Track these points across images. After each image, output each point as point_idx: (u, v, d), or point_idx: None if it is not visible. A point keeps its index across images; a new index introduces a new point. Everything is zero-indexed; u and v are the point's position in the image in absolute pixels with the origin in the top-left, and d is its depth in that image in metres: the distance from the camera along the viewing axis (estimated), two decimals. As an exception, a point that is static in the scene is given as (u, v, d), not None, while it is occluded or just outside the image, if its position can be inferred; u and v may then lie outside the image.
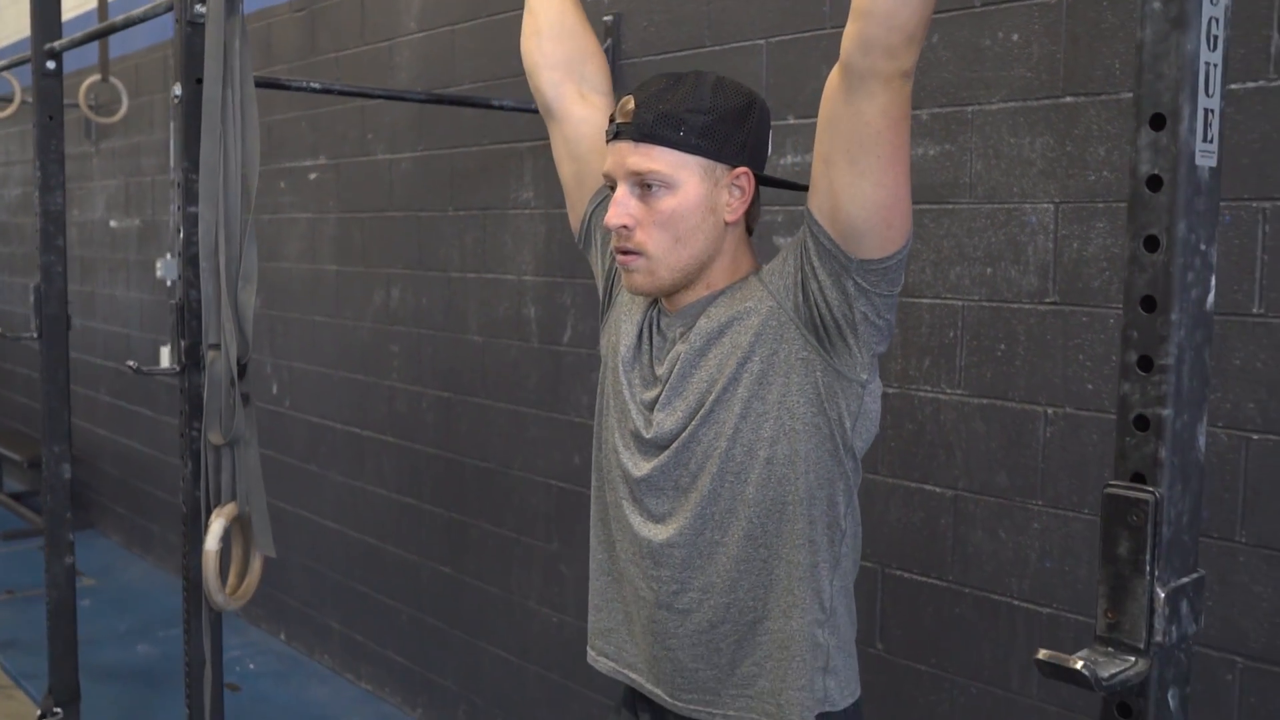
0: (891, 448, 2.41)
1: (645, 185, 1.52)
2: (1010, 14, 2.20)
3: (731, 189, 1.54)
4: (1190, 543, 0.96)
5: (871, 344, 1.50)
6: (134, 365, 2.32)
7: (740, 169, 1.54)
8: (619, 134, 1.54)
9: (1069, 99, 2.12)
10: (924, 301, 2.35)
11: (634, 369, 1.64)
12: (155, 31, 4.97)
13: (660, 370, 1.60)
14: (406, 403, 3.82)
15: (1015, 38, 2.19)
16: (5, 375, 7.20)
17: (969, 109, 2.27)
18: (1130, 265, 0.95)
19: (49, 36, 3.02)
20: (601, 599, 1.71)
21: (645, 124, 1.51)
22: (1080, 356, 2.12)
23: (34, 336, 3.09)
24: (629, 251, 1.55)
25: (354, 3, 3.94)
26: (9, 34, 6.43)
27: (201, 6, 2.29)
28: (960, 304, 2.29)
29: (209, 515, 2.30)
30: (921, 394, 2.36)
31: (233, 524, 2.33)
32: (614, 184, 1.56)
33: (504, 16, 3.30)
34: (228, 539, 2.32)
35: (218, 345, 2.28)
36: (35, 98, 3.04)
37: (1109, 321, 2.08)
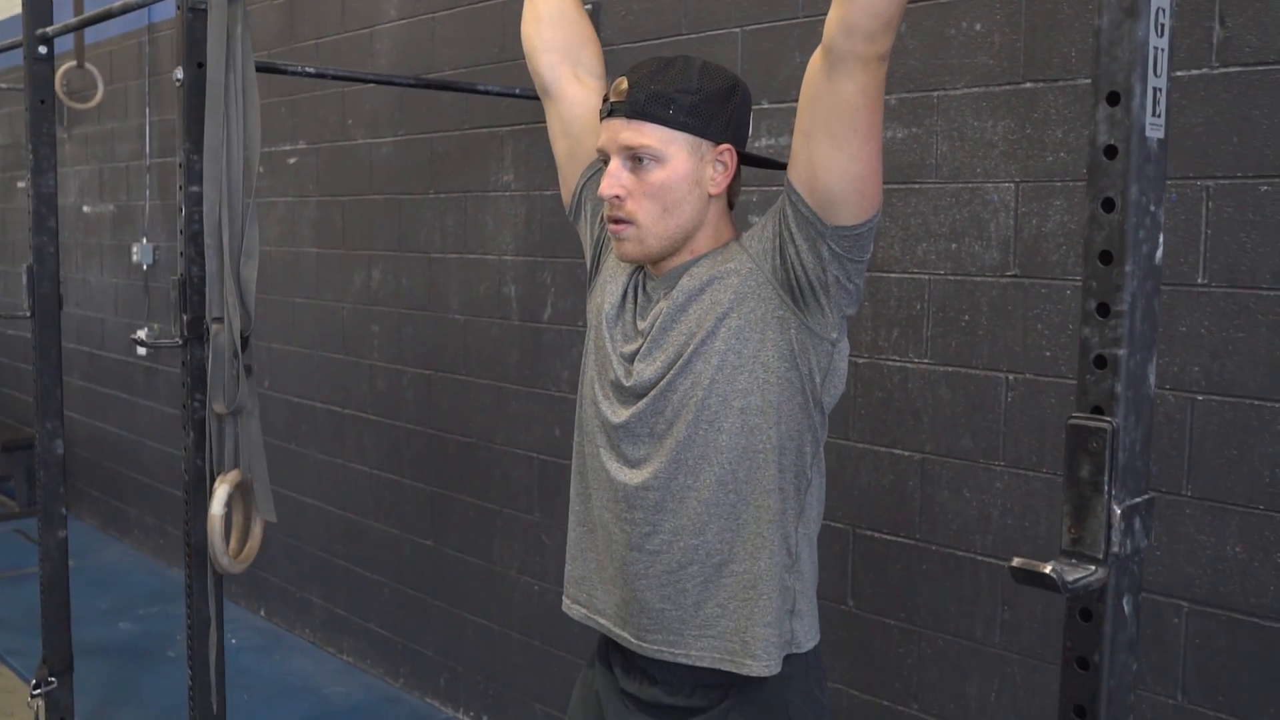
0: (862, 415, 2.55)
1: (636, 159, 1.64)
2: (973, 5, 2.34)
3: (715, 164, 1.67)
4: (1143, 468, 1.10)
5: (842, 305, 1.63)
6: (140, 338, 2.42)
7: (724, 145, 1.67)
8: (613, 112, 1.67)
9: (1028, 85, 2.27)
10: (892, 276, 2.49)
11: (617, 325, 1.76)
12: (131, 18, 5.03)
13: (642, 325, 1.72)
14: (387, 381, 3.93)
15: (978, 27, 2.34)
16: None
17: (935, 94, 2.41)
18: (1089, 224, 1.09)
19: (41, 22, 3.09)
20: (576, 549, 1.83)
21: (638, 103, 1.64)
22: (1039, 326, 2.27)
23: (27, 315, 3.17)
24: (620, 220, 1.67)
25: (333, -9, 4.03)
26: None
27: (203, -8, 2.38)
28: (927, 278, 2.44)
29: (213, 483, 2.40)
30: (890, 363, 2.50)
31: (234, 491, 2.43)
32: (607, 158, 1.68)
33: (483, 5, 3.41)
34: (230, 508, 2.43)
35: (221, 319, 2.38)
36: (27, 82, 3.11)
37: (1066, 293, 2.23)
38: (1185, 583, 2.11)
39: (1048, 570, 1.03)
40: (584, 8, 1.97)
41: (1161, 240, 1.11)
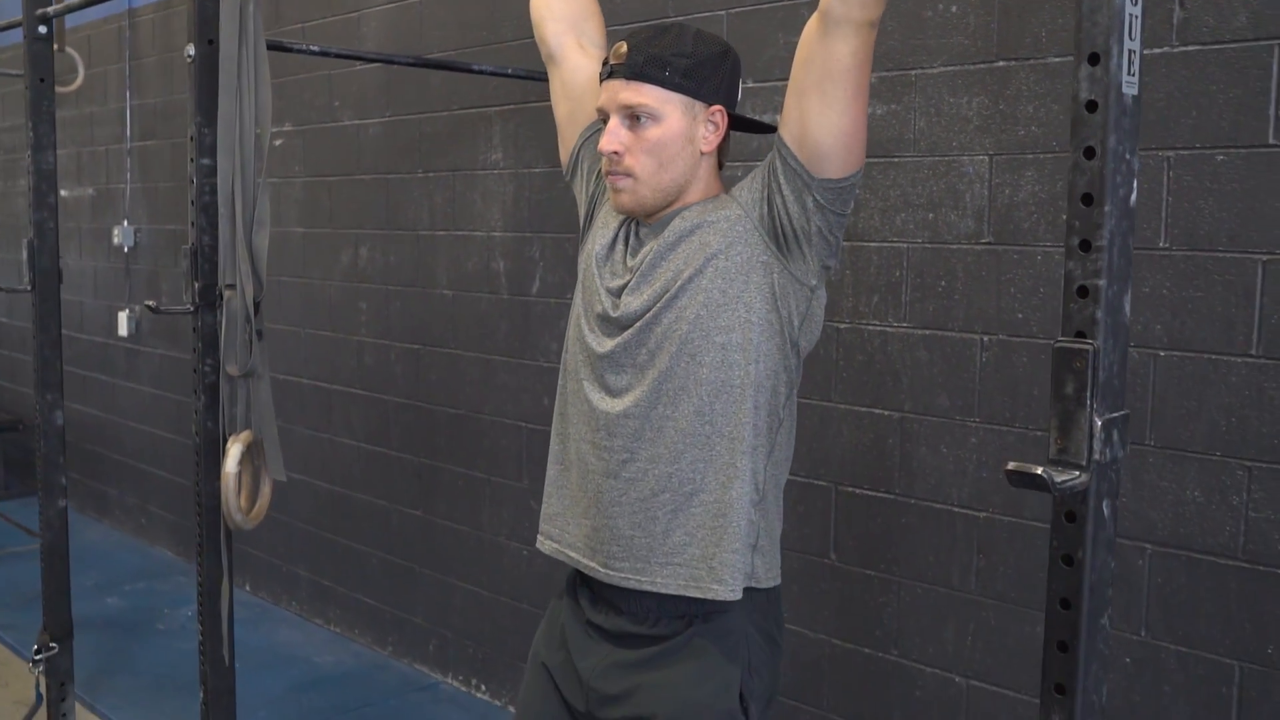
0: (844, 377, 2.69)
1: (634, 117, 1.77)
2: (950, -12, 2.49)
3: (707, 124, 1.80)
4: (1120, 386, 1.24)
5: (823, 256, 1.77)
6: (153, 305, 2.51)
7: (716, 107, 1.80)
8: (612, 73, 1.80)
9: (1001, 63, 2.42)
10: (872, 245, 2.63)
11: (606, 264, 1.87)
12: (111, 3, 5.08)
13: (632, 263, 1.84)
14: (375, 356, 4.03)
15: (954, 9, 2.48)
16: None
17: (913, 73, 2.56)
18: (1072, 170, 1.22)
19: (41, 2, 3.17)
20: (552, 486, 1.93)
21: (636, 65, 1.77)
22: (1012, 290, 2.42)
23: (27, 289, 3.24)
24: (618, 174, 1.80)
25: (320, -25, 4.12)
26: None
27: (214, -28, 2.48)
28: (905, 246, 2.58)
29: (225, 443, 2.50)
30: (871, 328, 2.64)
31: (244, 451, 2.53)
32: (606, 117, 1.81)
33: (472, -11, 3.52)
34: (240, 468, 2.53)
35: (233, 285, 2.47)
36: (27, 61, 3.19)
37: (1037, 258, 2.38)
38: (1148, 527, 2.26)
39: (1039, 472, 1.16)
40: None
41: (1135, 185, 1.25)
